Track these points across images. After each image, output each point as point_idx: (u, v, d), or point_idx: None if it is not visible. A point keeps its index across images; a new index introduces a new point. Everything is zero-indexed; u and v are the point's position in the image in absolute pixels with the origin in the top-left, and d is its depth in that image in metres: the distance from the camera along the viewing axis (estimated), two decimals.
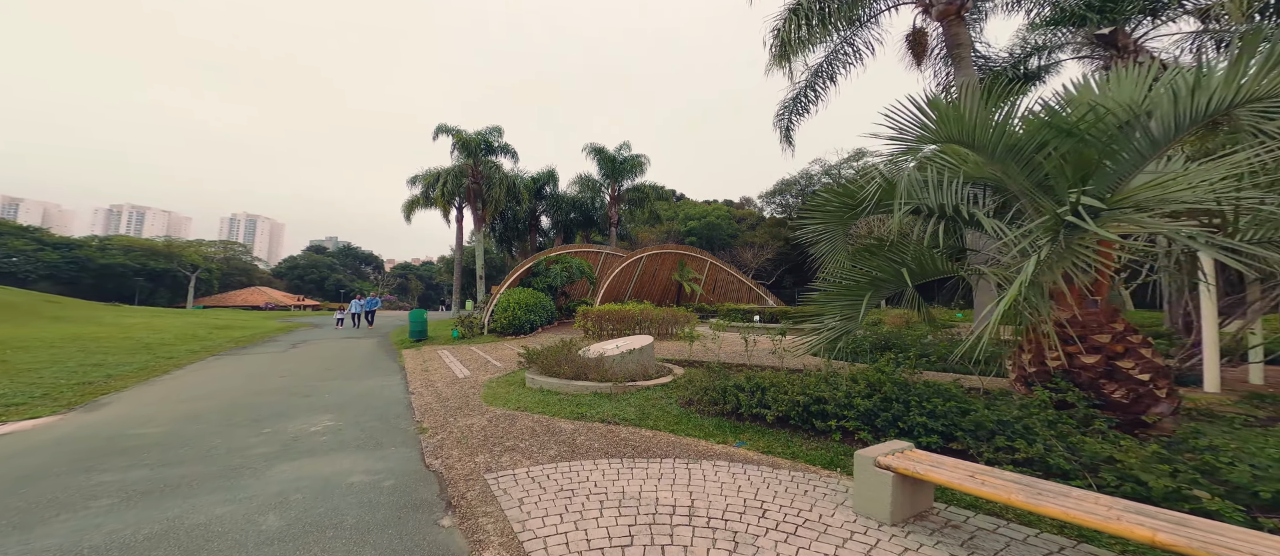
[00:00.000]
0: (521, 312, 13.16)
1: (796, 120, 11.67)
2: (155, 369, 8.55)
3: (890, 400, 3.60)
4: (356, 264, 72.98)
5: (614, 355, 5.87)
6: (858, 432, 3.61)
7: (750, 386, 4.38)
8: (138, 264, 47.25)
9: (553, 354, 6.30)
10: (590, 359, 5.89)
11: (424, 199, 24.83)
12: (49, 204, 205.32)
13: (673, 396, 5.20)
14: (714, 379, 4.79)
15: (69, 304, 21.19)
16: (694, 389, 4.95)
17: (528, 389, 5.94)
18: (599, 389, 5.43)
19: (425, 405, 5.67)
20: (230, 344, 12.87)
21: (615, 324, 12.15)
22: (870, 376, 3.85)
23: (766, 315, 14.22)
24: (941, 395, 3.56)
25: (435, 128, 22.24)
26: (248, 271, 63.14)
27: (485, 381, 6.84)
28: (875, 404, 3.62)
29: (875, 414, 3.58)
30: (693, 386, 5.03)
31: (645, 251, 20.24)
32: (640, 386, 5.51)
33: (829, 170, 35.90)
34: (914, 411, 3.40)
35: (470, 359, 9.26)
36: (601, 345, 6.75)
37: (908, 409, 3.46)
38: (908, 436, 3.34)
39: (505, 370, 7.77)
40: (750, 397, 4.29)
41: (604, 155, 26.94)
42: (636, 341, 6.56)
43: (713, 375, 4.89)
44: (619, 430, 4.34)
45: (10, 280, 39.36)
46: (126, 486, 3.17)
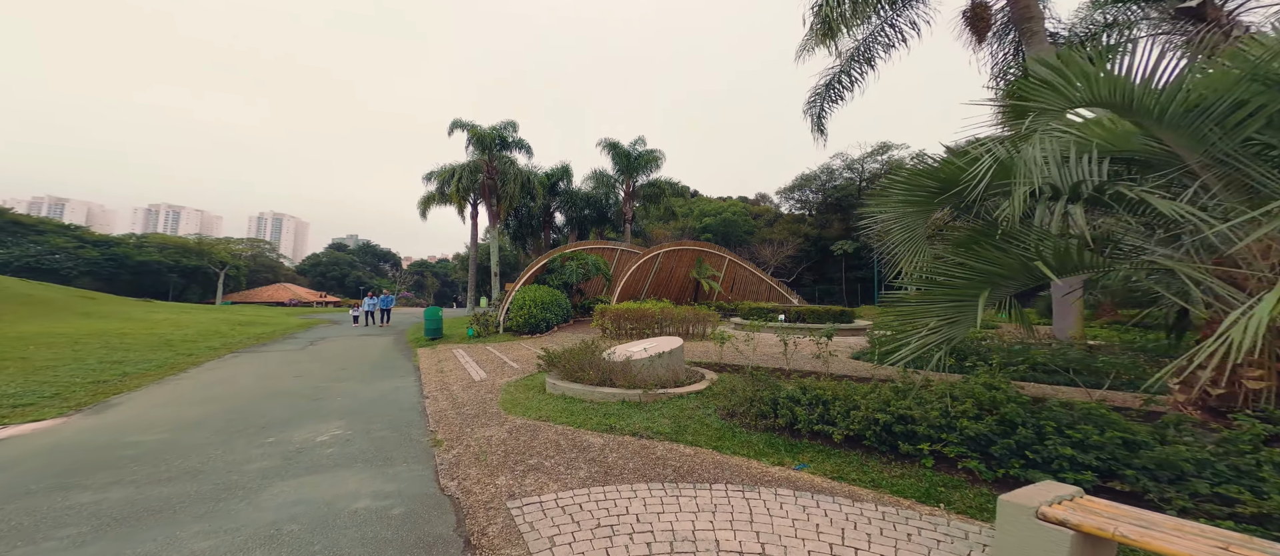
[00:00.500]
0: (537, 311, 12.77)
1: (830, 107, 10.89)
2: (173, 367, 8.43)
3: (1011, 423, 2.93)
4: (375, 261, 74.49)
5: (642, 359, 5.33)
6: (963, 461, 2.98)
7: (809, 399, 3.78)
8: (171, 261, 49.11)
9: (575, 357, 5.80)
10: (616, 363, 5.37)
11: (439, 195, 24.77)
12: (93, 204, 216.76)
13: (710, 406, 4.63)
14: (759, 387, 4.20)
15: (103, 300, 21.89)
16: (736, 398, 4.37)
17: (548, 395, 5.47)
18: (627, 396, 4.90)
19: (440, 412, 5.25)
20: (250, 341, 12.86)
21: (634, 323, 11.63)
22: (978, 394, 3.19)
23: (791, 314, 13.49)
24: (1093, 421, 2.86)
25: (450, 123, 22.10)
26: (273, 268, 65.08)
27: (503, 385, 6.40)
28: (990, 427, 2.96)
29: (989, 439, 2.93)
30: (734, 396, 4.45)
31: (662, 248, 19.65)
32: (672, 394, 4.95)
33: (852, 164, 34.62)
34: (1054, 440, 2.73)
35: (486, 359, 8.88)
36: (626, 347, 6.22)
37: (1040, 437, 2.80)
38: (1041, 470, 2.68)
39: (523, 372, 7.33)
40: (810, 411, 3.69)
41: (618, 150, 26.45)
42: (665, 343, 6.01)
43: (757, 383, 4.30)
44: (655, 446, 3.81)
45: (54, 277, 41.31)
46: (102, 510, 2.79)
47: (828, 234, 32.75)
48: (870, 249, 28.63)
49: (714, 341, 8.67)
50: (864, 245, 29.13)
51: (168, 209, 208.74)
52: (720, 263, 22.06)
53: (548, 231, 29.39)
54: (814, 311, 13.10)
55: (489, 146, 22.47)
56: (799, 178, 36.69)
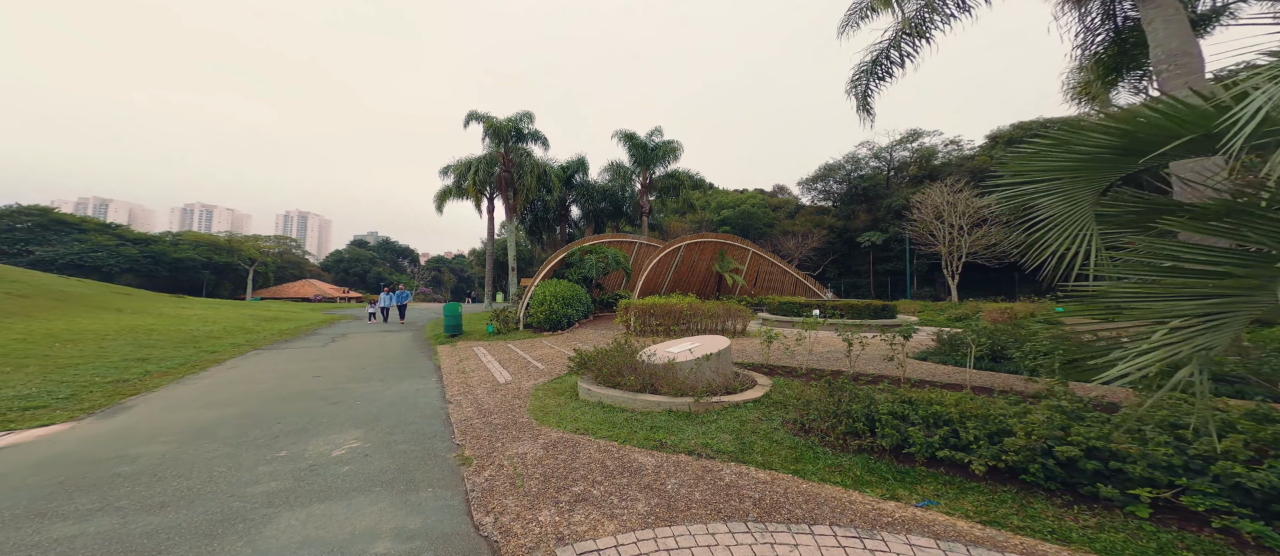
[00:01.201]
0: (558, 306, 12.28)
1: (876, 86, 9.92)
2: (195, 364, 8.24)
3: None
4: (394, 257, 75.91)
5: (687, 362, 4.71)
6: (1221, 518, 2.14)
7: (925, 416, 3.07)
8: (204, 258, 50.94)
9: (610, 359, 5.21)
10: (657, 366, 4.76)
11: (456, 189, 24.56)
12: (134, 204, 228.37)
13: (774, 418, 3.97)
14: (843, 398, 3.51)
15: (138, 296, 22.55)
16: (813, 411, 3.70)
17: (582, 402, 4.91)
18: (675, 405, 4.29)
19: (466, 420, 4.75)
20: (274, 337, 12.79)
21: (662, 319, 11.01)
22: (1245, 427, 2.36)
23: (827, 309, 12.63)
24: None
25: (466, 115, 21.74)
26: (299, 265, 66.98)
27: (530, 389, 5.88)
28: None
29: None
30: (808, 407, 3.78)
31: (683, 240, 18.93)
32: (725, 402, 4.31)
33: (879, 152, 33.05)
34: None
35: (509, 359, 8.40)
36: (664, 347, 5.61)
37: None
38: None
39: (550, 374, 6.81)
40: (928, 432, 2.98)
41: (635, 141, 25.76)
42: (710, 343, 5.36)
43: (837, 392, 3.62)
44: (720, 469, 3.19)
45: (97, 273, 43.30)
46: (76, 546, 2.34)
47: (854, 225, 31.35)
48: (900, 240, 27.19)
49: (758, 340, 7.93)
50: (894, 236, 27.72)
51: (201, 208, 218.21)
52: (743, 255, 21.19)
53: (564, 225, 28.97)
54: (851, 306, 12.21)
55: (505, 138, 22.05)
56: (822, 167, 35.20)
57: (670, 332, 10.88)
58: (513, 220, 23.47)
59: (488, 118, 21.81)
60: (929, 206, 20.59)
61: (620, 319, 11.74)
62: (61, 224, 44.32)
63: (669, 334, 10.83)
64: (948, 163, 29.69)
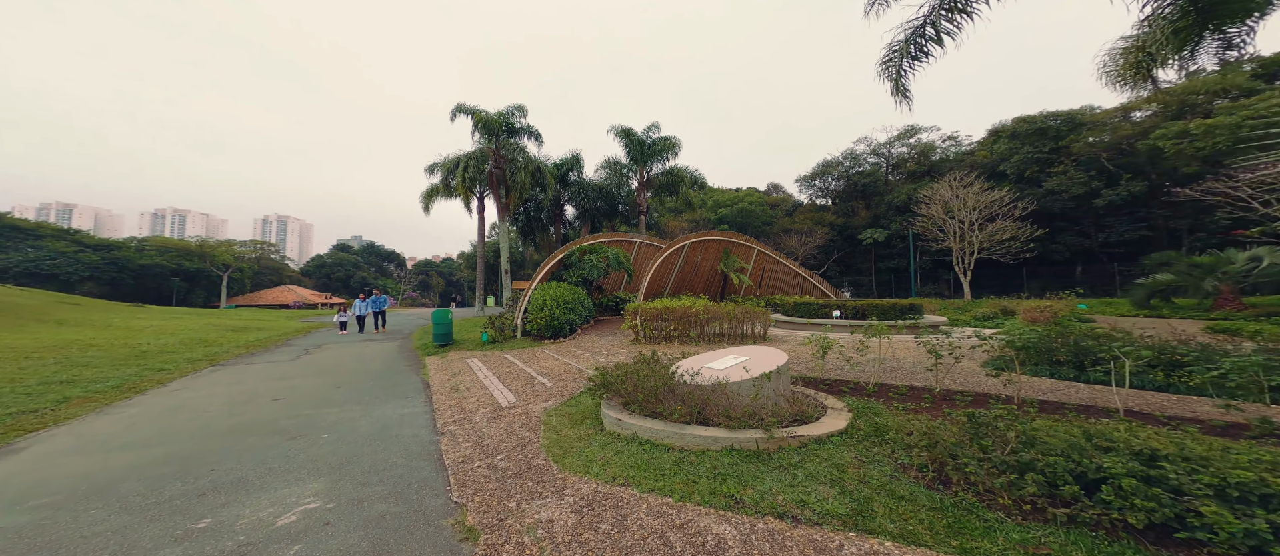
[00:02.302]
0: (559, 311, 11.20)
1: (911, 67, 9.08)
2: (132, 386, 6.95)
3: None
4: (380, 261, 73.40)
5: (744, 382, 3.73)
6: None
7: (1217, 480, 1.99)
8: (173, 264, 48.18)
9: (643, 379, 4.20)
10: (703, 387, 3.78)
11: (444, 187, 23.23)
12: (100, 209, 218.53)
13: (881, 460, 3.01)
14: (1004, 438, 2.56)
15: (89, 305, 20.63)
16: (945, 451, 2.73)
17: (610, 434, 3.89)
18: (737, 442, 3.30)
19: (464, 462, 3.68)
20: (240, 349, 11.42)
21: (677, 324, 10.03)
22: None
23: (848, 309, 11.81)
24: None
25: (453, 107, 20.51)
26: (278, 270, 64.20)
27: (541, 415, 4.83)
28: None
29: None
30: (932, 445, 2.82)
31: (688, 239, 18.02)
32: (803, 437, 3.34)
33: (877, 149, 32.74)
34: None
35: (510, 374, 7.31)
36: (699, 361, 4.64)
37: None
38: None
39: (561, 394, 5.76)
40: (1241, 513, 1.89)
41: (632, 137, 24.84)
42: (761, 356, 4.39)
43: (984, 429, 2.67)
44: (839, 545, 2.21)
45: (53, 282, 40.46)
46: None
47: (854, 223, 30.88)
48: (902, 237, 26.77)
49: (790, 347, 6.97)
50: (896, 233, 27.28)
51: (174, 213, 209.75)
52: (748, 254, 20.38)
53: (558, 225, 27.81)
54: (875, 305, 11.41)
55: (496, 133, 20.86)
56: (820, 164, 34.72)
57: (685, 339, 9.91)
58: (505, 220, 22.25)
59: (477, 111, 20.59)
60: (937, 201, 20.10)
61: (628, 324, 10.72)
62: (15, 230, 41.35)
63: (684, 340, 9.86)
64: (946, 159, 29.46)
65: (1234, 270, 10.53)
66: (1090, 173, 19.56)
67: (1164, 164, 17.22)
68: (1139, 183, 18.28)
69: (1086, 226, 20.16)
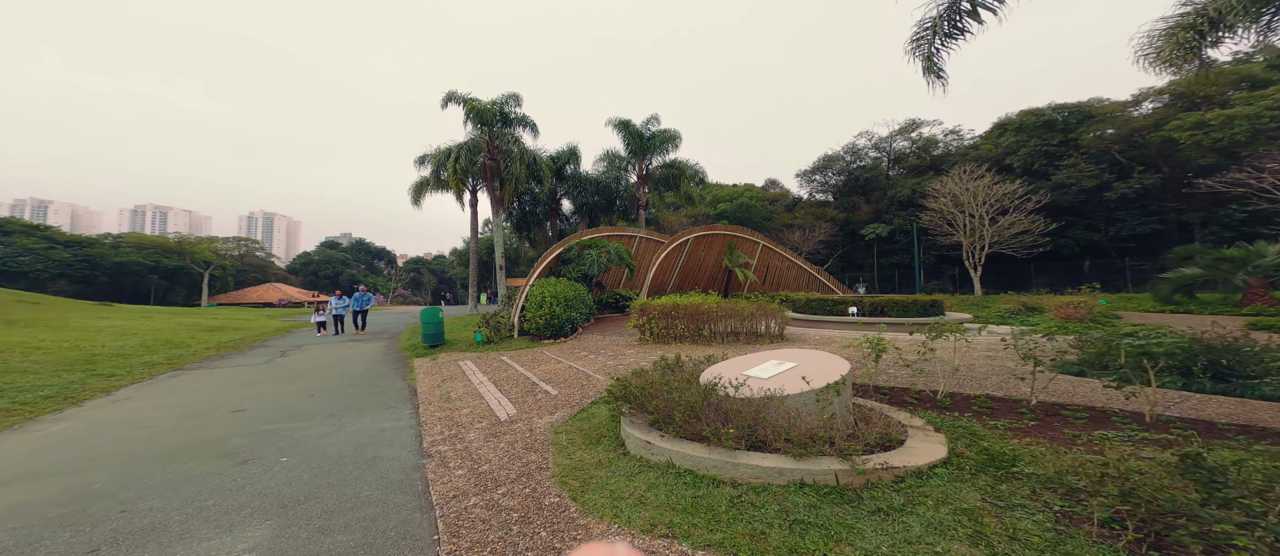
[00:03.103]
0: (559, 309, 10.40)
1: (945, 45, 8.36)
2: (70, 396, 6.03)
3: None
4: (370, 258, 71.64)
5: (804, 395, 3.00)
6: None
7: None
8: (151, 262, 46.30)
9: (675, 392, 3.44)
10: (751, 401, 3.04)
11: (435, 180, 22.21)
12: (77, 206, 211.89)
13: (1019, 499, 2.27)
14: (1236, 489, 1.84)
15: (48, 304, 19.29)
16: (1162, 512, 1.99)
17: (636, 459, 3.14)
18: (810, 475, 2.56)
19: (456, 497, 2.90)
20: (210, 351, 10.47)
21: (688, 322, 9.30)
22: None
23: (866, 306, 11.17)
24: None
25: (445, 95, 19.47)
26: (263, 268, 62.34)
27: (547, 431, 4.06)
28: None
29: None
30: (1133, 495, 2.07)
31: (692, 233, 17.29)
32: (897, 469, 2.58)
33: (878, 143, 32.29)
34: None
35: (508, 380, 6.51)
36: (737, 368, 3.91)
37: None
38: None
39: (568, 403, 4.99)
40: None
41: (630, 130, 24.01)
42: (811, 362, 3.67)
43: (1215, 480, 1.94)
44: None
45: (22, 280, 38.57)
46: None
47: (856, 218, 30.41)
48: (906, 232, 26.34)
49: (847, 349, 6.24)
50: (899, 229, 26.83)
51: (154, 209, 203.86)
52: (753, 249, 19.71)
53: (555, 220, 26.90)
54: (895, 303, 10.78)
55: (490, 122, 19.88)
56: (821, 159, 34.17)
57: (697, 339, 9.19)
58: (499, 214, 21.31)
59: (469, 99, 19.58)
60: (946, 194, 19.60)
61: (634, 322, 9.96)
62: None
63: (696, 340, 9.14)
64: (948, 153, 29.07)
65: (1266, 263, 10.05)
66: (1101, 165, 19.20)
67: (1179, 156, 16.89)
68: (1152, 175, 17.96)
69: (1096, 220, 19.82)
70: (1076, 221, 19.55)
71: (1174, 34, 8.43)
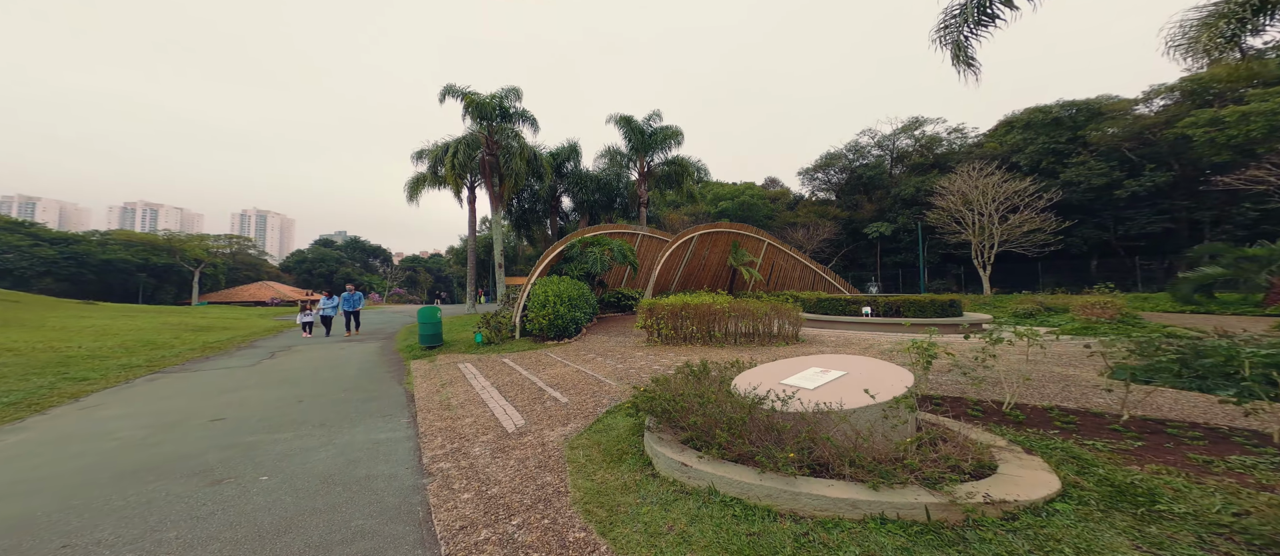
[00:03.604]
0: (563, 309, 9.96)
1: (975, 33, 7.95)
2: (35, 403, 5.54)
3: None
4: (365, 257, 70.75)
5: (864, 409, 2.59)
6: None
7: None
8: (139, 259, 45.33)
9: (710, 404, 3.03)
10: (799, 415, 2.64)
11: (432, 176, 21.67)
12: (66, 203, 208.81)
13: (1184, 546, 1.86)
14: None
15: (29, 302, 18.62)
16: None
17: (671, 483, 2.73)
18: (891, 508, 2.15)
19: (465, 529, 2.48)
20: (194, 352, 9.95)
21: (698, 322, 8.89)
22: None
23: (880, 306, 10.81)
24: None
25: (442, 89, 18.94)
26: (256, 266, 61.38)
27: (561, 446, 3.64)
28: None
29: None
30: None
31: (696, 230, 16.89)
32: (1007, 504, 2.12)
33: (881, 141, 32.02)
34: None
35: (513, 385, 6.08)
36: (772, 375, 3.51)
37: None
38: None
39: (581, 414, 4.57)
40: None
41: (632, 125, 23.55)
42: (863, 369, 3.26)
43: None
44: None
45: (7, 278, 37.64)
46: None
47: (859, 216, 30.13)
48: (910, 231, 26.08)
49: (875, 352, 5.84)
50: (903, 227, 26.56)
51: (145, 206, 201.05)
52: (758, 247, 19.34)
53: (554, 218, 26.41)
54: (912, 302, 10.42)
55: (489, 117, 19.36)
56: (823, 156, 33.85)
57: (709, 340, 8.79)
58: (498, 211, 20.81)
59: (468, 93, 19.05)
60: (955, 192, 19.31)
61: (641, 322, 9.54)
62: None
63: (707, 342, 8.74)
64: (951, 151, 28.84)
65: None
66: (1111, 163, 18.97)
67: (1192, 153, 16.68)
68: (1163, 173, 17.74)
69: (1105, 219, 19.60)
70: (1085, 220, 19.34)
71: (1212, 23, 8.07)
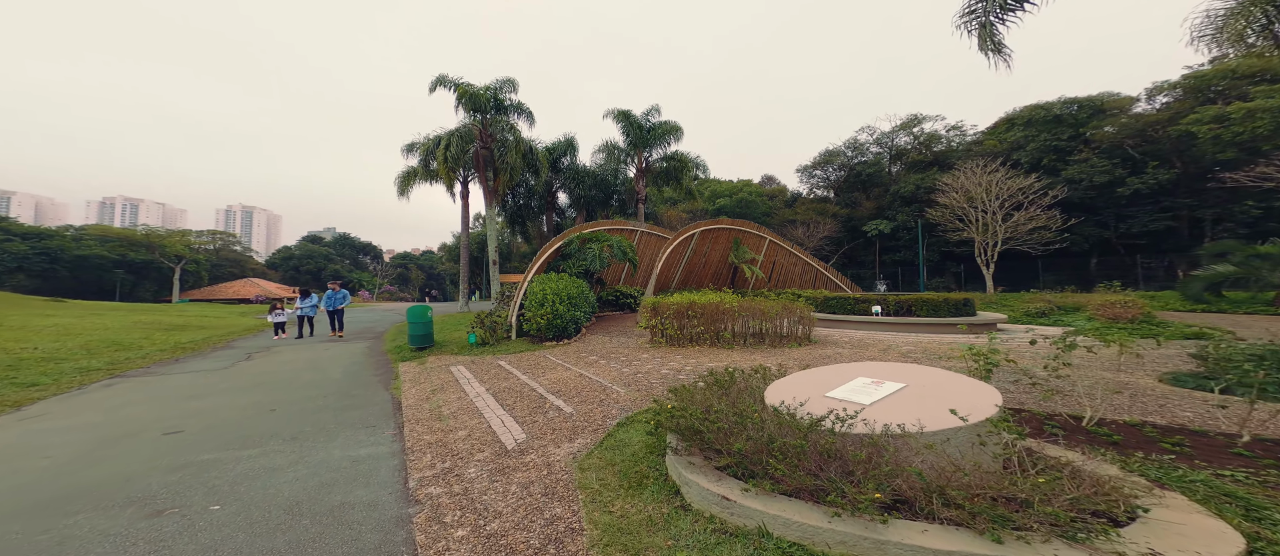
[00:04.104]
0: (563, 308, 9.44)
1: (1003, 17, 7.52)
2: None
3: None
4: (354, 254, 69.20)
5: (948, 431, 2.13)
6: None
7: None
8: (116, 255, 43.70)
9: (754, 426, 2.56)
10: (870, 440, 2.17)
11: (423, 170, 20.95)
12: (41, 197, 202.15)
13: None
14: None
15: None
16: None
17: (709, 520, 2.25)
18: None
19: None
20: (163, 354, 9.25)
21: (705, 322, 8.42)
22: None
23: (890, 305, 10.45)
24: None
25: (433, 79, 18.20)
26: (240, 262, 59.69)
27: (571, 467, 3.14)
28: None
29: None
30: None
31: (698, 226, 16.44)
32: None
33: (880, 138, 31.85)
34: None
35: (510, 391, 5.55)
36: (805, 385, 3.06)
37: None
38: None
39: (589, 427, 4.07)
40: None
41: (630, 120, 23.03)
42: (939, 384, 2.81)
43: None
44: None
45: None
46: None
47: (858, 214, 29.94)
48: (909, 229, 25.91)
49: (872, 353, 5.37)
50: (902, 225, 26.39)
51: (125, 201, 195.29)
52: (759, 244, 18.96)
53: (550, 214, 25.78)
54: (925, 301, 10.06)
55: (483, 109, 18.68)
56: (822, 153, 33.61)
57: (718, 341, 8.33)
58: (493, 206, 20.15)
59: (461, 84, 18.34)
60: (958, 189, 19.09)
61: (645, 322, 9.05)
62: None
63: (716, 343, 8.28)
64: (950, 149, 28.73)
65: None
66: (1114, 160, 18.88)
67: (1196, 150, 16.61)
68: (1167, 171, 17.67)
69: (1106, 217, 19.53)
70: (1086, 218, 19.26)
71: (1245, 10, 7.76)
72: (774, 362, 6.28)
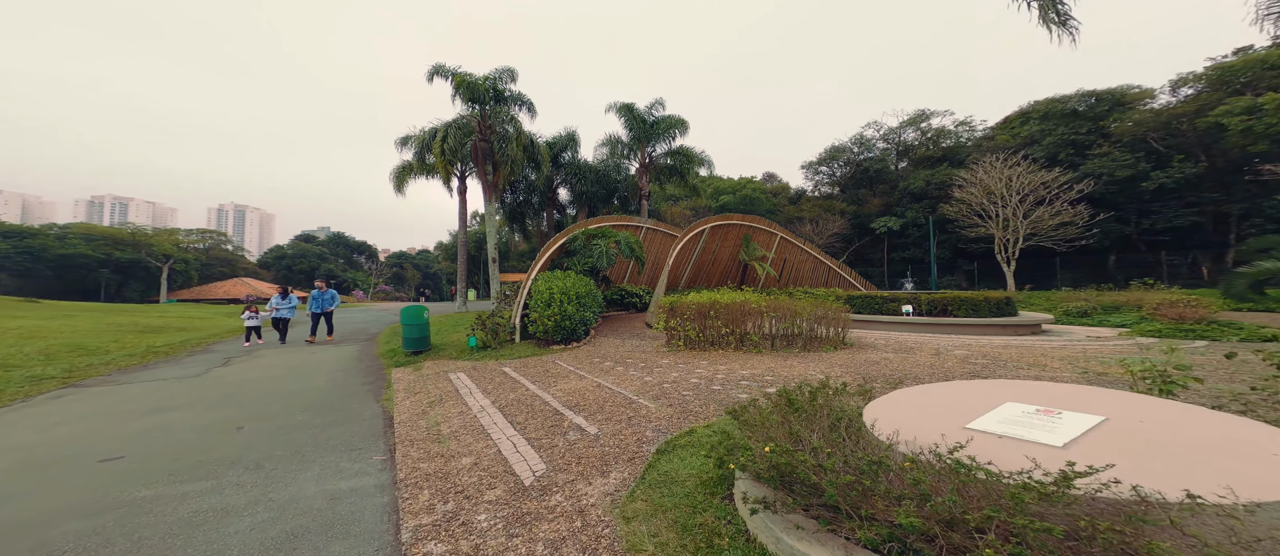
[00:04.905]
0: (572, 308, 8.67)
1: None
2: None
3: None
4: (349, 253, 67.98)
5: (1272, 505, 1.39)
6: None
7: None
8: (101, 254, 42.44)
9: (905, 484, 1.80)
10: (1117, 504, 1.42)
11: (419, 164, 20.09)
12: (28, 196, 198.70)
13: None
14: None
15: None
16: None
17: None
18: None
19: None
20: (132, 359, 8.44)
21: (730, 323, 7.69)
22: None
23: (922, 305, 9.76)
24: None
25: (430, 68, 17.36)
26: (232, 262, 58.42)
27: (611, 513, 2.40)
28: None
29: None
30: None
31: (708, 222, 15.71)
32: None
33: (887, 134, 31.27)
34: None
35: (520, 405, 4.80)
36: (921, 407, 2.39)
37: None
38: None
39: (621, 453, 3.33)
40: None
41: (633, 114, 22.28)
42: (1162, 416, 2.08)
43: None
44: None
45: None
46: None
47: (865, 211, 29.34)
48: (919, 225, 25.33)
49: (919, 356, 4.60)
50: (912, 222, 25.80)
51: (114, 199, 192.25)
52: (770, 241, 18.26)
53: (551, 211, 24.97)
54: (963, 300, 9.37)
55: (482, 100, 17.86)
56: (828, 149, 32.95)
57: (744, 343, 7.61)
58: (492, 202, 19.35)
59: (459, 74, 17.50)
60: (977, 184, 18.47)
61: (661, 323, 8.31)
62: None
63: (741, 345, 7.56)
64: (959, 144, 28.18)
65: None
66: (1137, 154, 18.31)
67: (1224, 143, 16.08)
68: (1193, 164, 17.12)
69: (1128, 212, 18.98)
70: (1105, 213, 18.69)
71: None
72: (819, 370, 5.57)
